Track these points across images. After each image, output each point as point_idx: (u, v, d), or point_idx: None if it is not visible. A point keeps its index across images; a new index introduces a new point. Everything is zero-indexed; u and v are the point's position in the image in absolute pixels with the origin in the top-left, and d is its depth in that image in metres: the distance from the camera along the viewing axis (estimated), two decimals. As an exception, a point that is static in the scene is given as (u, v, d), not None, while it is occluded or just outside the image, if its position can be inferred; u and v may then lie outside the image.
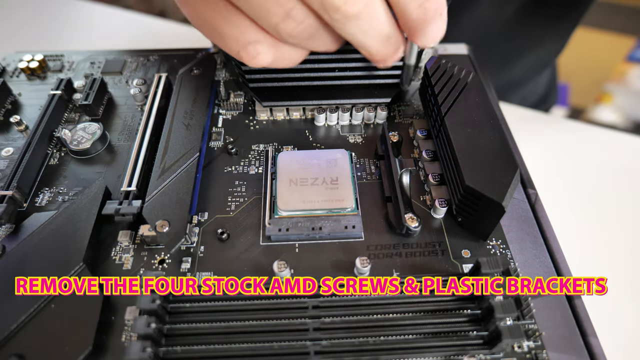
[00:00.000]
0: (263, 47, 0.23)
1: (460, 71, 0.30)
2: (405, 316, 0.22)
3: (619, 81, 1.38)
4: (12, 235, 0.26)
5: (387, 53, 0.23)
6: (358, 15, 0.20)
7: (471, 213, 0.25)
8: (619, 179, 0.38)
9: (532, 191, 0.29)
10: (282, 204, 0.27)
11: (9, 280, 0.23)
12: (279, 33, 0.22)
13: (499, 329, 0.20)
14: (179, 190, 0.27)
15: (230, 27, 0.22)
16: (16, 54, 0.40)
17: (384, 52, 0.23)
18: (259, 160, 0.31)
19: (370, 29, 0.21)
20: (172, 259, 0.26)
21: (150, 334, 0.20)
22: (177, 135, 0.30)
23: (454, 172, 0.26)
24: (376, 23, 0.21)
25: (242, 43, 0.22)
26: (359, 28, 0.21)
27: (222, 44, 0.23)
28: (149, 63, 0.39)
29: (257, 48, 0.23)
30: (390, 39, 0.22)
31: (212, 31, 0.23)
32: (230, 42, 0.23)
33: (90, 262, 0.25)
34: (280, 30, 0.22)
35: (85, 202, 0.26)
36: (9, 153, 0.31)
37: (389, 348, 0.21)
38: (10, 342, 0.21)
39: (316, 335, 0.22)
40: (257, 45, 0.22)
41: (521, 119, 0.44)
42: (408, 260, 0.26)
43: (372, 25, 0.21)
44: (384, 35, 0.22)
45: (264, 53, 0.23)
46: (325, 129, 0.33)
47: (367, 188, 0.29)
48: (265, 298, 0.23)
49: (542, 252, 0.26)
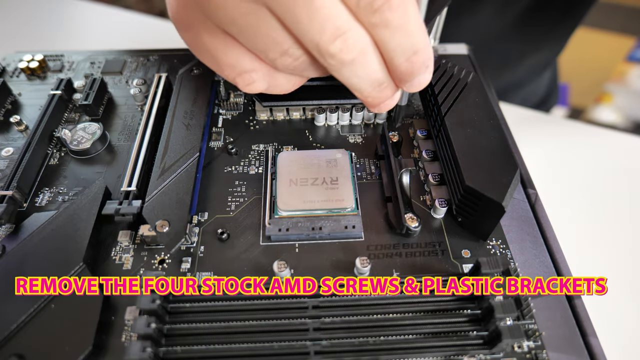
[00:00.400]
0: (258, 75, 0.24)
1: (460, 71, 0.30)
2: (405, 316, 0.22)
3: (619, 81, 1.38)
4: (12, 235, 0.26)
5: (380, 98, 0.23)
6: (352, 62, 0.21)
7: (471, 213, 0.25)
8: (619, 179, 0.38)
9: (532, 191, 0.29)
10: (282, 204, 0.27)
11: (9, 280, 0.23)
12: (276, 66, 0.23)
13: (499, 329, 0.20)
14: (179, 190, 0.27)
15: (227, 55, 0.23)
16: (16, 54, 0.40)
17: (376, 97, 0.23)
18: (259, 160, 0.31)
19: (363, 74, 0.22)
20: (172, 259, 0.26)
21: (150, 334, 0.20)
22: (177, 135, 0.30)
23: (454, 172, 0.26)
24: (369, 70, 0.22)
25: (237, 71, 0.23)
26: (352, 73, 0.22)
27: (219, 71, 0.24)
28: (149, 63, 0.39)
29: (252, 76, 0.24)
30: (382, 84, 0.23)
31: (209, 58, 0.24)
32: (227, 70, 0.24)
33: (90, 262, 0.25)
34: (277, 64, 0.23)
35: (85, 202, 0.26)
36: (9, 153, 0.31)
37: (389, 348, 0.21)
38: (10, 342, 0.21)
39: (316, 335, 0.22)
40: (252, 74, 0.23)
41: (521, 119, 0.44)
42: (408, 260, 0.26)
43: (365, 71, 0.22)
44: (376, 82, 0.22)
45: (259, 81, 0.24)
46: (325, 129, 0.33)
47: (367, 188, 0.29)
48: (265, 298, 0.23)
49: (542, 252, 0.26)
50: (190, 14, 0.23)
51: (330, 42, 0.20)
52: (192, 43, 0.24)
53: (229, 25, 0.21)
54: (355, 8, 0.20)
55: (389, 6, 0.19)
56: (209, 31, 0.23)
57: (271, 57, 0.22)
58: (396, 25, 0.20)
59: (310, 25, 0.20)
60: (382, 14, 0.19)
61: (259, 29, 0.21)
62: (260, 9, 0.20)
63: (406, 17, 0.20)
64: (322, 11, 0.19)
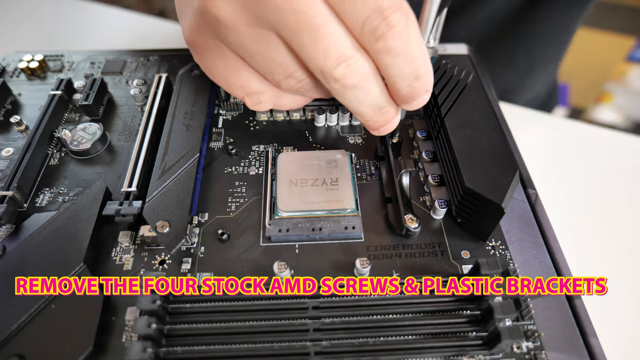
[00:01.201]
0: (265, 97, 0.26)
1: (460, 72, 0.30)
2: (405, 317, 0.22)
3: (619, 81, 1.38)
4: (13, 236, 0.26)
5: (380, 122, 0.24)
6: (354, 87, 0.22)
7: (471, 214, 0.26)
8: (619, 179, 0.38)
9: (532, 191, 0.29)
10: (283, 204, 0.27)
11: (9, 281, 0.23)
12: (281, 87, 0.25)
13: (499, 329, 0.20)
14: (180, 190, 0.27)
15: (237, 77, 0.25)
16: (16, 54, 0.40)
17: (377, 121, 0.24)
18: (259, 161, 0.31)
19: (365, 99, 0.23)
20: (173, 260, 0.26)
21: (151, 335, 0.20)
22: (177, 136, 0.30)
23: (454, 173, 0.26)
24: (371, 95, 0.23)
25: (246, 92, 0.25)
26: (354, 97, 0.22)
27: (229, 90, 0.26)
28: (149, 63, 0.39)
29: (259, 97, 0.25)
30: (382, 109, 0.24)
31: (221, 79, 0.25)
32: (237, 90, 0.25)
33: (90, 263, 0.25)
34: (282, 86, 0.24)
35: (85, 202, 0.26)
36: (9, 153, 0.31)
37: (389, 348, 0.21)
38: (11, 342, 0.21)
39: (316, 336, 0.22)
40: (260, 95, 0.25)
41: (521, 119, 0.44)
42: (408, 261, 0.26)
43: (367, 96, 0.23)
44: (377, 106, 0.23)
45: (266, 102, 0.26)
46: (325, 130, 0.33)
47: (367, 189, 0.29)
48: (265, 299, 0.23)
49: (542, 252, 0.26)
50: (204, 38, 0.24)
51: (334, 67, 0.21)
52: (205, 65, 0.26)
53: (240, 49, 0.23)
54: (359, 35, 0.20)
55: (392, 34, 0.20)
56: (221, 54, 0.24)
57: (277, 79, 0.24)
58: (399, 52, 0.20)
59: (315, 50, 0.20)
60: (385, 41, 0.20)
61: (267, 53, 0.22)
62: (269, 34, 0.21)
63: (408, 44, 0.20)
64: (327, 38, 0.20)
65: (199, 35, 0.24)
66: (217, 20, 0.22)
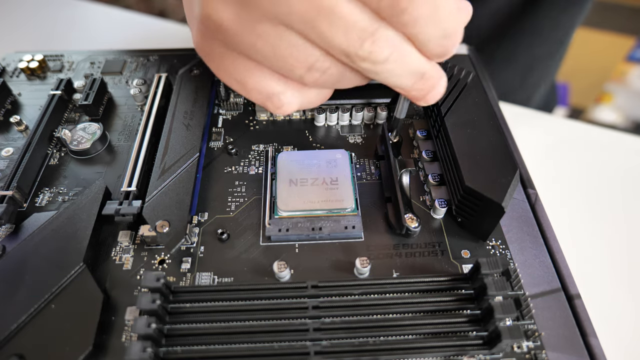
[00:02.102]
0: (287, 96, 0.23)
1: (460, 72, 0.30)
2: (405, 316, 0.22)
3: (619, 81, 1.38)
4: (12, 236, 0.26)
5: (425, 89, 0.22)
6: (386, 61, 0.20)
7: (471, 213, 0.26)
8: (619, 179, 0.38)
9: (532, 191, 0.29)
10: (282, 204, 0.27)
11: (9, 281, 0.23)
12: (305, 83, 0.22)
13: (499, 329, 0.20)
14: (179, 190, 0.27)
15: (253, 80, 0.22)
16: (16, 54, 0.40)
17: (421, 89, 0.22)
18: (259, 161, 0.31)
19: (401, 71, 0.21)
20: (172, 259, 0.26)
21: (151, 334, 0.20)
22: (177, 136, 0.30)
23: (454, 173, 0.26)
24: (406, 64, 0.21)
25: (266, 95, 0.23)
26: (390, 72, 0.21)
27: (247, 95, 0.23)
28: (149, 63, 0.39)
29: (281, 99, 0.23)
30: (424, 75, 0.22)
31: (237, 85, 0.23)
32: (255, 95, 0.23)
33: (90, 263, 0.25)
34: (305, 81, 0.22)
35: (85, 202, 0.26)
36: (9, 153, 0.31)
37: (389, 348, 0.21)
38: (10, 342, 0.21)
39: (316, 336, 0.22)
40: (281, 96, 0.23)
41: (521, 119, 0.44)
42: (408, 261, 0.26)
43: (403, 67, 0.21)
44: (417, 74, 0.22)
45: (289, 103, 0.23)
46: (325, 129, 0.33)
47: (367, 188, 0.29)
48: (265, 298, 0.23)
49: (542, 252, 0.26)
50: (211, 46, 0.22)
51: (358, 46, 0.19)
52: (218, 71, 0.24)
53: (249, 51, 0.21)
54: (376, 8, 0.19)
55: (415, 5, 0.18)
56: (232, 59, 0.22)
57: (298, 74, 0.21)
58: (425, 20, 0.19)
59: (334, 34, 0.19)
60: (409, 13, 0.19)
61: (279, 48, 0.20)
62: (278, 28, 0.20)
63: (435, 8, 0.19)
64: (344, 17, 0.19)
65: (207, 43, 0.23)
66: (220, 26, 0.20)
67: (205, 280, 0.25)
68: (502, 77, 0.55)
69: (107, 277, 0.25)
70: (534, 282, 0.25)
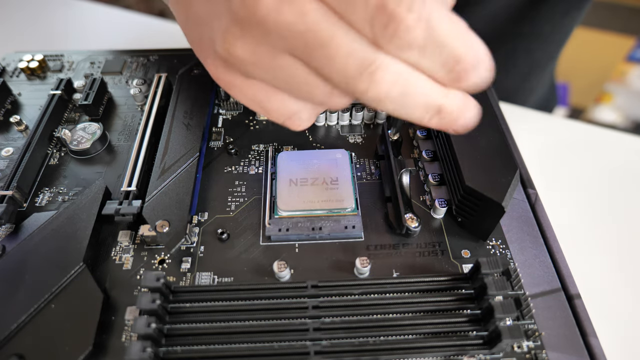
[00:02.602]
0: (305, 114, 0.23)
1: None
2: (405, 316, 0.22)
3: (619, 81, 1.38)
4: (12, 235, 0.26)
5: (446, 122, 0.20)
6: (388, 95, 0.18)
7: (471, 213, 0.26)
8: (619, 179, 0.38)
9: (532, 191, 0.29)
10: (282, 204, 0.27)
11: (9, 280, 0.23)
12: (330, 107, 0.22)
13: (499, 329, 0.20)
14: (179, 190, 0.27)
15: (274, 104, 0.22)
16: (16, 54, 0.40)
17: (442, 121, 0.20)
18: (259, 161, 0.31)
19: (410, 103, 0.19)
20: (172, 259, 0.26)
21: (151, 334, 0.20)
22: (177, 135, 0.30)
23: (454, 173, 0.26)
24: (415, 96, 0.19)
25: (286, 115, 0.23)
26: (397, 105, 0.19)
27: (268, 116, 0.23)
28: (149, 63, 0.39)
29: (300, 117, 0.23)
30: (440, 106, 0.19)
31: (257, 107, 0.23)
32: (275, 115, 0.23)
33: (90, 262, 0.25)
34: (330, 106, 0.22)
35: (85, 202, 0.26)
36: (9, 153, 0.31)
37: (389, 348, 0.21)
38: (10, 342, 0.21)
39: (316, 335, 0.22)
40: (300, 114, 0.23)
41: (521, 119, 0.44)
42: (408, 261, 0.26)
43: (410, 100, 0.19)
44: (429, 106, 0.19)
45: (306, 119, 0.23)
46: (325, 129, 0.33)
47: (367, 188, 0.29)
48: (265, 298, 0.23)
49: (542, 252, 0.26)
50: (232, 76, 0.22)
51: (357, 79, 0.18)
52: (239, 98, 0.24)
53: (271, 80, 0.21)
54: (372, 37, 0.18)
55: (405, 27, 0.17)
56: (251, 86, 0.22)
57: (320, 100, 0.21)
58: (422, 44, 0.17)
59: (333, 67, 0.18)
60: (400, 37, 0.17)
61: (297, 78, 0.20)
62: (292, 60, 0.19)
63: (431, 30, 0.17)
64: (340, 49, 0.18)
65: (227, 75, 0.23)
66: (241, 60, 0.20)
67: (205, 280, 0.25)
68: (501, 79, 0.55)
69: (107, 277, 0.25)
70: (534, 282, 0.25)
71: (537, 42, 0.54)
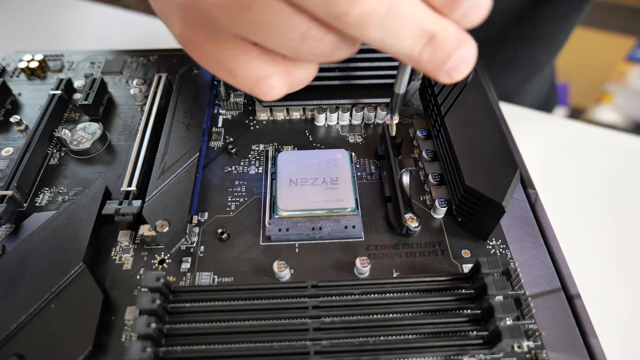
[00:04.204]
0: (276, 79, 0.21)
1: (460, 71, 0.30)
2: (405, 316, 0.22)
3: (619, 81, 1.38)
4: (12, 235, 0.26)
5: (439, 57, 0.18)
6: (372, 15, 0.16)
7: (471, 213, 0.25)
8: (619, 179, 0.38)
9: (532, 191, 0.29)
10: (282, 204, 0.27)
11: (9, 280, 0.23)
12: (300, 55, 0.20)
13: (499, 329, 0.20)
14: (179, 190, 0.27)
15: (240, 64, 0.21)
16: (16, 54, 0.40)
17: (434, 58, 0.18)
18: (259, 160, 0.31)
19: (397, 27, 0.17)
20: (172, 259, 0.26)
21: (151, 334, 0.20)
22: (177, 135, 0.30)
23: (454, 172, 0.26)
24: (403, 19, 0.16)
25: (255, 79, 0.21)
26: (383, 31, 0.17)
27: (234, 82, 0.22)
28: (149, 63, 0.39)
29: (269, 82, 0.21)
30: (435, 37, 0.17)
31: (224, 72, 0.22)
32: (243, 80, 0.21)
33: (90, 262, 0.25)
34: (301, 52, 0.20)
35: (85, 202, 0.26)
36: (9, 153, 0.31)
37: (389, 348, 0.21)
38: (10, 342, 0.21)
39: (316, 335, 0.22)
40: (269, 80, 0.21)
41: (521, 119, 0.44)
42: (408, 260, 0.26)
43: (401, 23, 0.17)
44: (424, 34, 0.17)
45: (278, 86, 0.21)
46: (325, 129, 0.33)
47: (367, 188, 0.29)
48: (265, 298, 0.23)
49: (542, 252, 0.26)
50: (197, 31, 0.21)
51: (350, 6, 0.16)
52: (202, 60, 0.22)
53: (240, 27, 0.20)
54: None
55: None
56: (218, 45, 0.21)
57: (293, 45, 0.19)
58: None
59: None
60: None
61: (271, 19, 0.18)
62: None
63: None
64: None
65: (191, 31, 0.21)
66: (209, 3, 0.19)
67: (205, 280, 0.25)
68: (502, 79, 0.55)
69: (107, 277, 0.25)
70: (534, 281, 0.25)
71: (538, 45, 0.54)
